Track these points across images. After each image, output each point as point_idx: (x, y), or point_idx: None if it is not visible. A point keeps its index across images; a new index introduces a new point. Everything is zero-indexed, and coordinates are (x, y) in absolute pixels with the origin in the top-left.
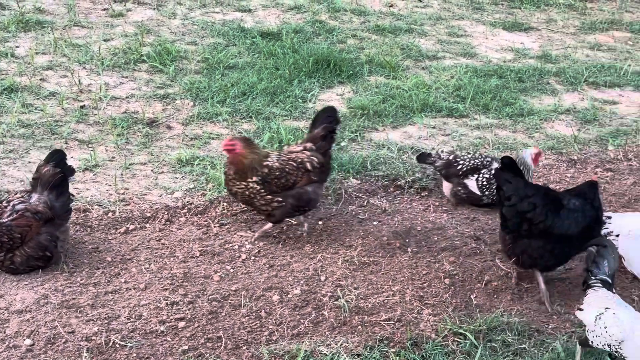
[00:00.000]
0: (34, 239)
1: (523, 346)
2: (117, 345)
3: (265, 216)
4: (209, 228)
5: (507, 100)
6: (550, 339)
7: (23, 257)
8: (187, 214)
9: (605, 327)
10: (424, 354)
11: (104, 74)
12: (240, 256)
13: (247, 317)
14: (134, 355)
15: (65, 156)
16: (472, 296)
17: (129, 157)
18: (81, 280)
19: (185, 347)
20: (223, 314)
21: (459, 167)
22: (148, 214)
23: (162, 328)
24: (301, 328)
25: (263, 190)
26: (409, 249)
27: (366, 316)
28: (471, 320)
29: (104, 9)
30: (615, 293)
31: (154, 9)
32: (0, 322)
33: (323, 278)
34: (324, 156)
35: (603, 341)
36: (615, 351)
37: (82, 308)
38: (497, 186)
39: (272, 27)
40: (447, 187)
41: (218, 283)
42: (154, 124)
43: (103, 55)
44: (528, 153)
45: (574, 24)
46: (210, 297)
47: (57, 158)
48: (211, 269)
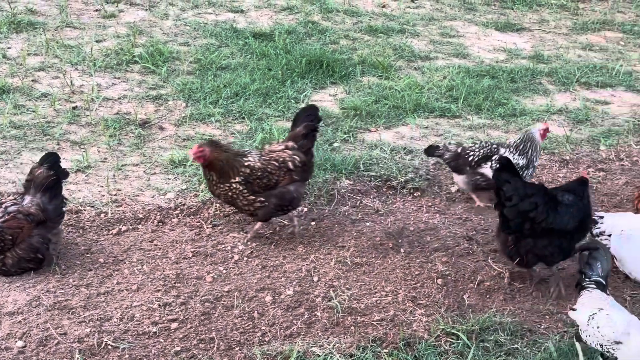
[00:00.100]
0: (26, 241)
1: (515, 346)
2: (110, 346)
3: (248, 216)
4: (202, 229)
5: (500, 100)
6: (542, 339)
7: (14, 259)
8: (180, 215)
9: (597, 327)
10: (417, 354)
11: (96, 75)
12: (232, 257)
13: (240, 318)
14: (127, 356)
15: (59, 159)
16: (465, 296)
17: (121, 158)
18: (73, 281)
19: (177, 348)
20: (216, 315)
21: (471, 158)
22: (140, 215)
23: (155, 329)
24: (294, 329)
25: (246, 190)
26: (402, 250)
27: (359, 317)
28: (464, 320)
29: (96, 10)
30: (609, 294)
31: (146, 10)
32: None
33: (316, 279)
34: (306, 155)
35: (595, 341)
36: (606, 351)
37: (75, 309)
38: (497, 187)
39: (265, 28)
40: (460, 179)
41: (211, 284)
42: (147, 125)
43: (95, 56)
44: (536, 129)
45: (566, 25)
46: (202, 298)
47: (51, 161)
48: (204, 270)
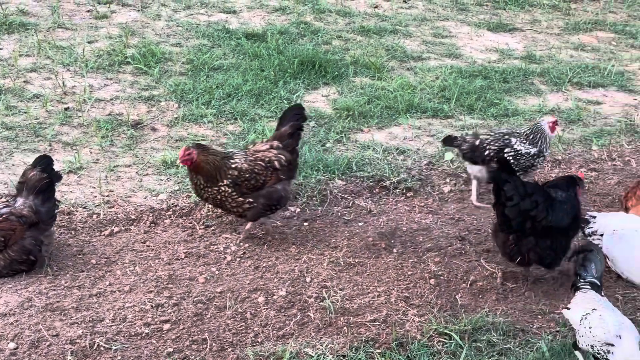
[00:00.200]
0: (18, 243)
1: (508, 346)
2: (102, 348)
3: (237, 217)
4: (194, 230)
5: (492, 100)
6: (535, 339)
7: (7, 261)
8: (172, 216)
9: (590, 328)
10: (410, 355)
11: (88, 76)
12: (225, 258)
13: (233, 319)
14: (119, 357)
15: (52, 161)
16: (458, 296)
17: (114, 159)
18: (65, 283)
19: (170, 350)
20: (208, 316)
21: (486, 152)
22: (133, 216)
23: (147, 330)
24: (287, 329)
25: (234, 192)
26: (395, 250)
27: (352, 317)
28: (456, 320)
29: (88, 11)
30: (603, 296)
31: (139, 11)
32: None
33: (308, 279)
34: (291, 154)
35: (587, 341)
36: (597, 352)
37: (67, 311)
38: (497, 187)
39: (257, 29)
40: (475, 170)
41: (203, 285)
42: (139, 126)
43: (87, 57)
44: (545, 121)
45: (558, 25)
46: (195, 299)
47: (44, 163)
48: (196, 271)
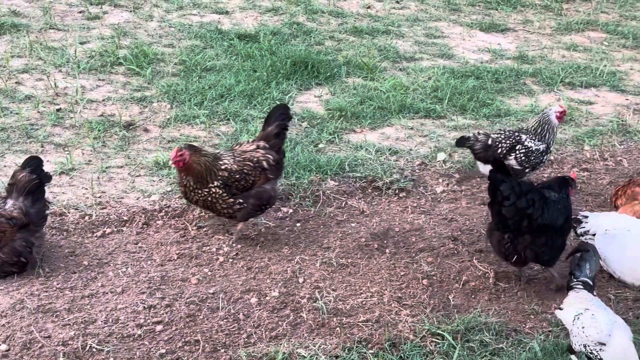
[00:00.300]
0: (9, 245)
1: (501, 346)
2: (94, 349)
3: (227, 218)
4: (187, 231)
5: (484, 101)
6: (527, 339)
7: None
8: (165, 217)
9: (582, 328)
10: (402, 355)
11: (80, 77)
12: (218, 259)
13: (225, 320)
14: (111, 359)
15: (42, 162)
16: (450, 297)
17: (106, 161)
18: (57, 284)
19: (162, 351)
20: (201, 317)
21: (499, 151)
22: (125, 217)
23: (140, 332)
24: (279, 330)
25: (225, 194)
26: (387, 250)
27: (344, 318)
28: (449, 320)
29: (80, 12)
30: (595, 295)
31: (131, 12)
32: None
33: (301, 280)
34: (278, 153)
35: (580, 341)
36: (590, 352)
37: (59, 312)
38: (493, 187)
39: (250, 29)
40: (487, 169)
41: (196, 286)
42: (131, 127)
43: (79, 58)
44: (553, 111)
45: (550, 25)
46: (188, 300)
47: (34, 164)
48: (189, 272)
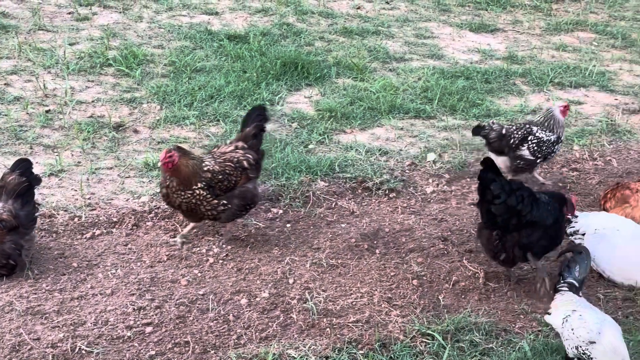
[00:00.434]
0: None
1: (490, 346)
2: (83, 351)
3: (211, 220)
4: (177, 232)
5: (474, 101)
6: (517, 338)
7: None
8: (154, 218)
9: (572, 330)
10: (392, 355)
11: (70, 78)
12: (207, 260)
13: (215, 321)
14: None
15: (31, 165)
16: (440, 297)
17: (95, 162)
18: (46, 286)
19: (152, 353)
20: (191, 319)
21: (512, 141)
22: (114, 219)
23: (129, 333)
24: (269, 331)
25: (209, 195)
26: (377, 251)
27: (334, 318)
28: (439, 320)
29: (69, 13)
30: (581, 296)
31: (120, 13)
32: None
33: (291, 281)
34: (257, 153)
35: (572, 344)
36: (582, 352)
37: (48, 314)
38: (483, 186)
39: (240, 30)
40: (500, 160)
41: (186, 287)
42: (121, 128)
43: (68, 59)
44: (557, 106)
45: (540, 25)
46: (177, 302)
47: (23, 167)
48: (179, 274)
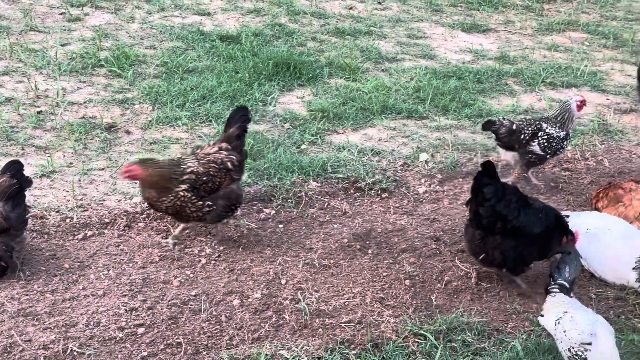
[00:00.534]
0: None
1: (483, 346)
2: (75, 353)
3: (196, 222)
4: (169, 233)
5: (466, 101)
6: (509, 338)
7: None
8: (146, 219)
9: (564, 331)
10: (385, 356)
11: (61, 79)
12: (200, 261)
13: (207, 322)
14: None
15: (22, 167)
16: (433, 297)
17: (87, 163)
18: (38, 287)
19: (144, 354)
20: (183, 319)
21: (522, 137)
22: (106, 220)
23: (121, 334)
24: (262, 332)
25: (194, 197)
26: (370, 251)
27: (327, 319)
28: (431, 320)
29: (61, 14)
30: (572, 297)
31: (112, 13)
32: None
33: (283, 281)
34: (240, 154)
35: (565, 346)
36: (576, 354)
37: (39, 316)
38: (476, 188)
39: (232, 31)
40: (510, 156)
41: (178, 288)
42: (113, 129)
43: (60, 60)
44: (574, 100)
45: (532, 25)
46: (169, 303)
47: (14, 169)
48: (171, 274)
